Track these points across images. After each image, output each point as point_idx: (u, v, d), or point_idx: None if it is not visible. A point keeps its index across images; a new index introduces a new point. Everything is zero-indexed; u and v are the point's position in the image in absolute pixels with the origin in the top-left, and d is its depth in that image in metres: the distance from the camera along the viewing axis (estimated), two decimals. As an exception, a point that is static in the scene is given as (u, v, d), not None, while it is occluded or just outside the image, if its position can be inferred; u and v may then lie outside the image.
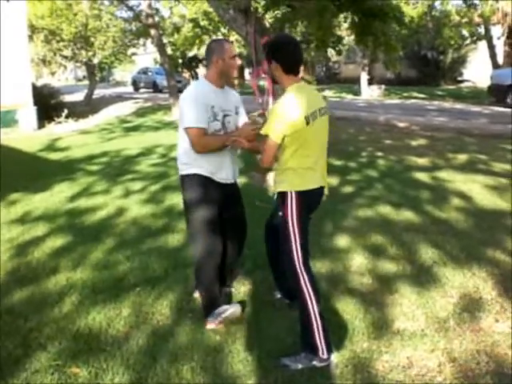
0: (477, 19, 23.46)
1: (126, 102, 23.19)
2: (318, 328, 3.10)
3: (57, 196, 7.14)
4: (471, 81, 34.00)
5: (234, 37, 28.36)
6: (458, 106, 19.47)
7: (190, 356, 3.23)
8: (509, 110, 16.90)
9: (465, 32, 28.38)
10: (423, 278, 4.38)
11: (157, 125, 15.19)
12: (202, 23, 17.12)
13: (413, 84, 31.85)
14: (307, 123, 3.10)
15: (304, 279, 3.16)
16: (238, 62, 3.65)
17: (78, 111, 17.63)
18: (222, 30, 19.59)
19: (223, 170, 3.66)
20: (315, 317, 3.11)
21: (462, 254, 4.86)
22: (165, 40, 21.61)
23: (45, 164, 9.69)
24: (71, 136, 13.32)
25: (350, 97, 26.26)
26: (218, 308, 3.59)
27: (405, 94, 26.03)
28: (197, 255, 3.65)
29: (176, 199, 6.83)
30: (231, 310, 3.60)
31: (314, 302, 3.13)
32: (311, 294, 3.14)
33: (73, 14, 17.22)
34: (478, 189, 7.21)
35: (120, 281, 4.35)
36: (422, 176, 8.06)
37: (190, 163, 3.58)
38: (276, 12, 11.95)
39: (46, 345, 3.35)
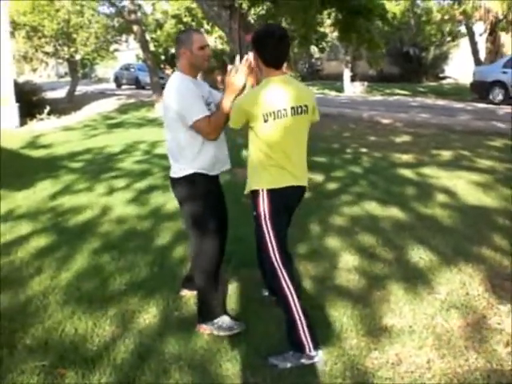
0: (459, 16, 23.59)
1: (109, 99, 23.01)
2: (302, 325, 3.08)
3: (40, 194, 7.05)
4: (453, 77, 34.28)
5: (217, 33, 28.34)
6: (441, 102, 19.60)
7: (178, 355, 3.20)
8: (491, 106, 17.06)
9: (447, 29, 28.56)
10: (410, 274, 4.38)
11: (140, 121, 15.09)
12: (184, 19, 17.01)
13: (395, 81, 32.00)
14: (265, 121, 3.05)
15: (284, 277, 3.13)
16: (208, 52, 3.47)
17: (61, 108, 17.44)
18: (205, 26, 19.52)
19: (221, 158, 3.56)
20: (298, 314, 3.09)
21: (448, 250, 4.88)
22: (147, 36, 21.47)
23: (27, 161, 9.57)
24: (53, 133, 13.19)
25: (333, 93, 26.30)
26: (218, 317, 3.48)
27: (387, 91, 26.15)
28: (204, 258, 3.50)
29: (161, 198, 6.80)
30: (236, 330, 3.44)
31: (295, 299, 3.10)
32: (292, 291, 3.11)
33: (55, 10, 17.02)
34: (462, 185, 7.24)
35: (106, 280, 4.29)
36: (406, 172, 8.09)
37: (188, 163, 3.40)
38: (260, 8, 11.91)
39: (31, 346, 3.30)
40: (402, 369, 3.08)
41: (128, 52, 37.36)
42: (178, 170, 3.45)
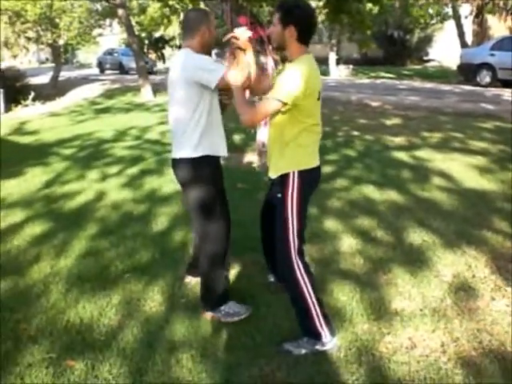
0: (445, -2, 23.59)
1: (93, 84, 22.66)
2: (317, 315, 3.02)
3: (31, 181, 6.90)
4: (437, 60, 34.30)
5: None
6: (428, 85, 19.57)
7: (189, 343, 3.12)
8: (478, 88, 17.08)
9: (431, 11, 28.46)
10: (414, 257, 4.35)
11: (127, 106, 14.87)
12: (170, 2, 16.71)
13: (379, 64, 31.90)
14: (318, 98, 2.99)
15: (299, 267, 3.04)
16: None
17: (45, 94, 17.12)
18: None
19: (221, 143, 3.45)
20: (313, 304, 3.02)
21: (450, 233, 4.85)
22: (132, 20, 21.12)
23: (15, 148, 9.36)
24: (40, 119, 12.93)
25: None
26: (225, 304, 3.41)
27: (372, 74, 26.07)
28: (210, 242, 3.40)
29: (155, 182, 6.71)
30: (244, 315, 3.39)
31: (310, 289, 3.02)
32: (307, 281, 3.03)
33: (37, -7, 16.67)
34: (457, 167, 7.23)
35: (107, 268, 4.20)
36: (400, 155, 8.05)
37: (194, 144, 3.28)
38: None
39: (36, 337, 3.20)
40: (416, 353, 3.04)
41: (110, 37, 36.85)
42: (183, 151, 3.33)
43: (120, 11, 15.86)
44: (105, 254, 4.48)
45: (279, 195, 3.06)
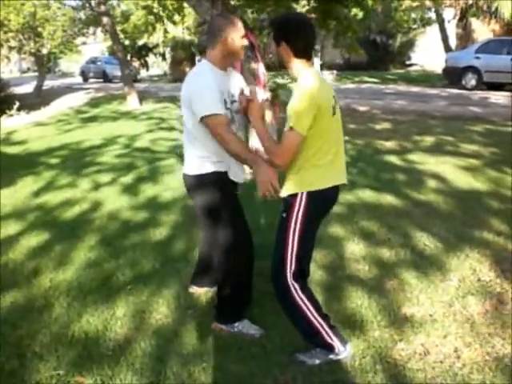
0: (428, 2, 23.70)
1: (77, 93, 22.47)
2: (325, 330, 2.93)
3: (22, 191, 6.78)
4: (419, 64, 34.57)
5: (185, 24, 27.94)
6: (413, 89, 19.67)
7: (199, 356, 3.05)
8: (464, 91, 17.20)
9: (414, 15, 28.68)
10: (418, 262, 4.32)
11: (114, 115, 14.74)
12: (155, 10, 16.60)
13: (362, 69, 32.00)
14: (333, 114, 2.85)
15: (296, 290, 2.90)
16: (246, 42, 3.23)
17: (29, 103, 16.92)
18: (176, 17, 19.17)
19: (235, 166, 3.26)
20: (319, 322, 2.92)
21: (451, 236, 4.84)
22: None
23: (3, 158, 9.18)
24: (26, 129, 12.75)
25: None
26: (239, 321, 3.30)
27: (356, 79, 26.16)
28: (222, 253, 3.29)
29: (151, 191, 6.64)
30: (257, 335, 3.27)
31: (312, 310, 2.91)
32: (306, 302, 2.91)
33: (20, 3, 16.46)
34: (450, 170, 7.24)
35: (108, 279, 4.11)
36: (393, 159, 8.06)
37: (206, 158, 3.15)
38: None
39: (41, 353, 3.10)
40: (430, 359, 3.00)
41: (93, 45, 36.63)
42: (187, 168, 3.25)
43: (105, 19, 15.74)
44: (105, 265, 4.39)
45: (284, 215, 2.92)
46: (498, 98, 15.38)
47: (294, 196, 2.87)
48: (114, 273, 4.23)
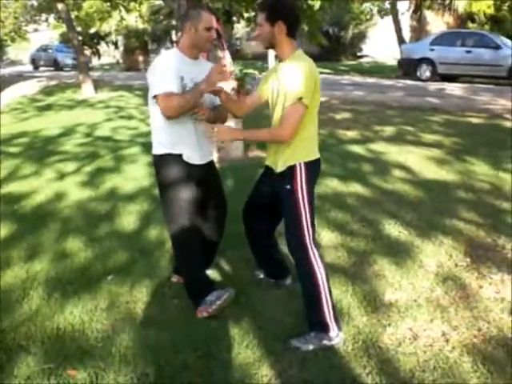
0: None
1: (29, 81, 21.79)
2: (328, 306, 3.00)
3: (-17, 181, 6.55)
4: (370, 56, 35.08)
5: (138, 12, 27.46)
6: (369, 80, 19.92)
7: (192, 345, 3.00)
8: (419, 83, 17.52)
9: (372, 7, 29.00)
10: (395, 248, 4.38)
11: (70, 103, 14.38)
12: (109, -3, 16.45)
13: (314, 60, 31.68)
14: (320, 90, 3.01)
15: (314, 256, 3.03)
16: (213, 35, 3.31)
17: (-21, 92, 16.39)
18: (132, 4, 18.87)
19: (197, 151, 3.37)
20: (325, 295, 3.00)
21: (423, 224, 4.92)
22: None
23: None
24: (-22, 118, 12.31)
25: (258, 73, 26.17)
26: (208, 294, 3.33)
27: (311, 70, 26.22)
28: (177, 239, 3.40)
29: (116, 180, 6.52)
30: (225, 295, 3.33)
31: (324, 279, 3.02)
32: (322, 271, 3.03)
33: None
34: (414, 159, 7.35)
35: (86, 270, 4.02)
36: (356, 149, 8.13)
37: (163, 143, 3.31)
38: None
39: (27, 346, 3.00)
40: (420, 343, 3.05)
41: (42, 33, 35.57)
42: (155, 147, 3.38)
43: (60, 5, 15.30)
44: (80, 255, 4.29)
45: (288, 187, 3.02)
46: (452, 89, 15.72)
47: (292, 167, 3.01)
48: (91, 263, 4.13)
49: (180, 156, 3.30)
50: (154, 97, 3.18)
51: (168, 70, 3.18)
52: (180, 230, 3.34)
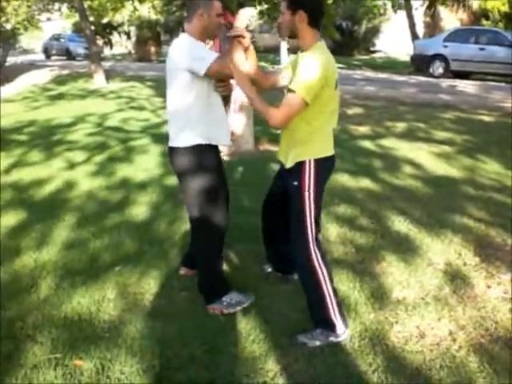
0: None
1: (42, 70, 21.84)
2: (332, 305, 2.98)
3: (-5, 169, 6.58)
4: (383, 51, 34.83)
5: (150, 3, 27.39)
6: (381, 75, 19.77)
7: (199, 339, 3.01)
8: (432, 79, 17.40)
9: (381, 1, 28.72)
10: (404, 245, 4.37)
11: (81, 93, 14.40)
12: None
13: (327, 54, 31.96)
14: (336, 87, 2.94)
15: (316, 256, 2.99)
16: (223, 21, 3.26)
17: (-8, 79, 16.44)
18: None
19: (222, 130, 3.31)
20: (329, 294, 2.98)
21: (433, 221, 4.90)
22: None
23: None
24: (-9, 106, 12.37)
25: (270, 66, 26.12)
26: (226, 294, 3.31)
27: (323, 64, 26.10)
28: (204, 232, 3.33)
29: (127, 171, 6.53)
30: (247, 303, 3.32)
31: (326, 278, 2.98)
32: (324, 270, 2.99)
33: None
34: (424, 156, 7.33)
35: (95, 260, 4.03)
36: (367, 144, 8.11)
37: (199, 133, 3.16)
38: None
39: (34, 336, 3.02)
40: (427, 341, 3.05)
41: (55, 22, 35.59)
42: (180, 140, 3.19)
43: (74, -5, 15.31)
44: (89, 245, 4.30)
45: (295, 183, 2.99)
46: (465, 86, 15.62)
47: (301, 164, 2.96)
48: (100, 253, 4.15)
49: (214, 146, 3.27)
50: (208, 68, 3.01)
51: (200, 45, 3.15)
52: (210, 222, 3.27)
